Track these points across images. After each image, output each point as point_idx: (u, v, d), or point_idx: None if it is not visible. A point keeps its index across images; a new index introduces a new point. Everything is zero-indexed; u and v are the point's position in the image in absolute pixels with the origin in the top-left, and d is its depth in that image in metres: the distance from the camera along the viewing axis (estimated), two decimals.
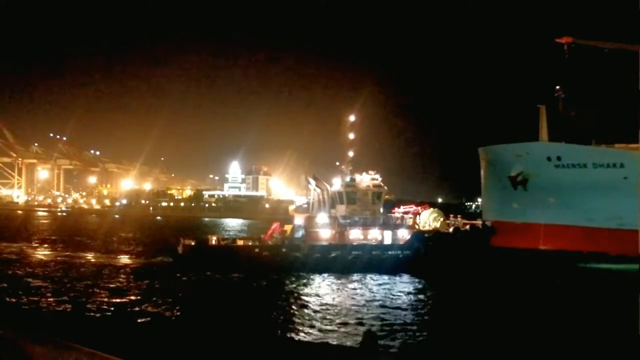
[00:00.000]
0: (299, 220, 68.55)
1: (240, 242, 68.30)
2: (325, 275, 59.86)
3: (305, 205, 71.10)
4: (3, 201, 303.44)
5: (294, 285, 54.75)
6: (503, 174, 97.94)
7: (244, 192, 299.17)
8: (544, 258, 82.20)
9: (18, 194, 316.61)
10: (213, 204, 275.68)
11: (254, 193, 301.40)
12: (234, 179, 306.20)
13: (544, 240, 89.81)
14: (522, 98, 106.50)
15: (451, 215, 71.63)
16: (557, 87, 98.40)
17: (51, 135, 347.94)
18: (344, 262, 62.44)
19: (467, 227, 69.94)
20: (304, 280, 57.24)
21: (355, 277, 59.40)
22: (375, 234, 66.60)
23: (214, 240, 66.77)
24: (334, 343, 33.93)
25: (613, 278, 67.92)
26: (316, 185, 69.65)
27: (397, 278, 59.60)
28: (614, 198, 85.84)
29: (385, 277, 59.43)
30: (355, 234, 66.02)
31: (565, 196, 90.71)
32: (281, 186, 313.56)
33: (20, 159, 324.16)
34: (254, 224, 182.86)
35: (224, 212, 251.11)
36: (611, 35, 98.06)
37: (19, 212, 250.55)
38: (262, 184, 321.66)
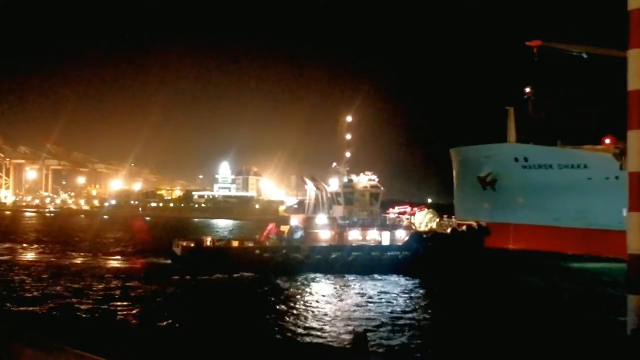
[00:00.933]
0: (295, 220, 68.25)
1: (235, 243, 67.49)
2: (325, 276, 59.72)
3: (296, 206, 71.10)
4: None
5: (294, 287, 54.54)
6: (473, 175, 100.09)
7: (234, 192, 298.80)
8: (541, 258, 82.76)
9: (6, 195, 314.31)
10: (203, 205, 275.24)
11: (244, 193, 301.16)
12: (224, 180, 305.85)
13: (513, 240, 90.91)
14: (498, 99, 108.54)
15: (445, 216, 71.98)
16: (527, 89, 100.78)
17: (39, 135, 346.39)
18: (344, 263, 62.34)
19: (464, 227, 70.34)
20: (304, 282, 57.06)
21: (355, 278, 59.34)
22: (373, 235, 66.54)
23: (208, 241, 66.37)
24: (328, 344, 33.96)
25: (605, 277, 68.27)
26: (314, 186, 69.65)
27: (397, 279, 59.68)
28: (579, 198, 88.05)
29: (385, 278, 59.52)
30: (354, 235, 65.88)
31: (533, 196, 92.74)
32: (271, 187, 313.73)
33: (7, 159, 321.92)
34: (244, 224, 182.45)
35: (214, 212, 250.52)
36: (582, 38, 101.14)
37: (7, 212, 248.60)
38: (252, 185, 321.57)
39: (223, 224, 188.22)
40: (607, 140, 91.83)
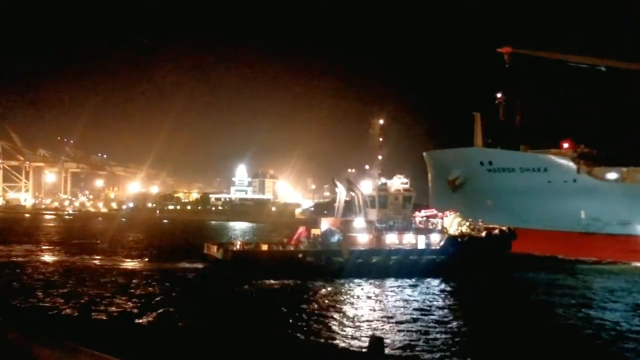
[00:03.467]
0: (325, 224, 67.71)
1: (264, 247, 66.63)
2: (365, 280, 59.32)
3: (312, 209, 71.09)
4: (10, 204, 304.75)
5: (334, 290, 54.11)
6: (445, 177, 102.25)
7: (250, 195, 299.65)
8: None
9: (25, 197, 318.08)
10: (219, 207, 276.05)
11: (260, 196, 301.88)
12: (241, 182, 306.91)
13: None
14: (472, 104, 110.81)
15: (470, 219, 71.82)
16: (499, 94, 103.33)
17: (58, 138, 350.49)
18: (383, 266, 62.01)
19: (496, 231, 70.18)
20: (346, 286, 56.72)
21: (395, 282, 59.14)
22: (409, 239, 66.33)
23: (238, 245, 66.18)
24: (347, 347, 33.85)
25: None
26: (349, 189, 69.29)
27: (435, 282, 59.59)
28: (541, 201, 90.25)
29: (424, 282, 59.47)
30: (391, 239, 65.65)
31: (499, 199, 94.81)
32: (287, 189, 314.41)
33: (27, 163, 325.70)
34: (260, 227, 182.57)
35: (231, 215, 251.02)
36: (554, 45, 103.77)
37: (26, 215, 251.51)
38: (268, 187, 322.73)
39: (240, 227, 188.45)
40: (566, 145, 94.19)
